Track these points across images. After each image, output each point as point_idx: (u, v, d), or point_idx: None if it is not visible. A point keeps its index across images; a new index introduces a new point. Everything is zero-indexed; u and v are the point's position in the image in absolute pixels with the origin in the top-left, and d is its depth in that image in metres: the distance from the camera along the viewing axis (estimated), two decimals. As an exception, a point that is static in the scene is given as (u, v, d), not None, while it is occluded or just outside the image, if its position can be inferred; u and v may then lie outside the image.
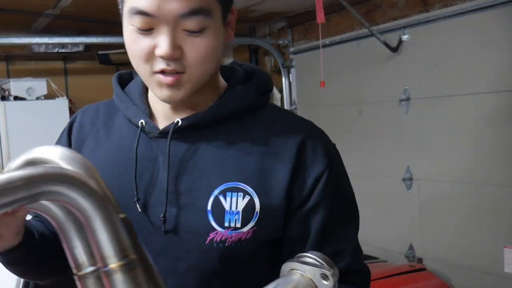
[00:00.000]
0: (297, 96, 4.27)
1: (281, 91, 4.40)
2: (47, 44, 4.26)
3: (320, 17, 2.74)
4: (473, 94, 2.93)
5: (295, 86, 4.29)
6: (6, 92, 4.22)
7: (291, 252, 0.87)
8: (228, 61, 5.28)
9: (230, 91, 0.94)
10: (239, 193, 0.86)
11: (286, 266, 0.77)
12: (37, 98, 4.25)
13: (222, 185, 0.87)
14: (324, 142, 0.93)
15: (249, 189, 0.86)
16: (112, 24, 3.97)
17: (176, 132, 0.90)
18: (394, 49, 3.32)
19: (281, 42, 4.32)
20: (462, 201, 3.03)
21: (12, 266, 0.88)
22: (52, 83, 4.36)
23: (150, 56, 0.85)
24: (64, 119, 4.09)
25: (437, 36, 3.09)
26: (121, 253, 0.61)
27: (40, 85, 4.25)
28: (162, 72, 0.85)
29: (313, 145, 0.90)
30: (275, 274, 0.88)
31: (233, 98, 0.93)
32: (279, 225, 0.88)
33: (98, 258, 0.61)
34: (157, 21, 0.82)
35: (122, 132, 0.98)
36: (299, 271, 0.75)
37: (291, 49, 4.27)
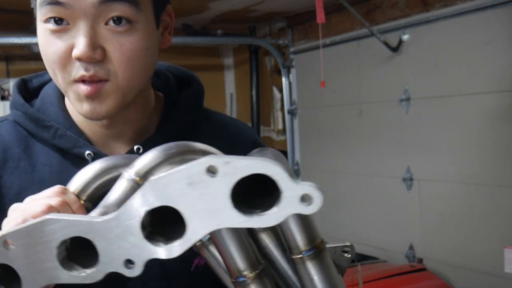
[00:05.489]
0: (297, 96, 4.27)
1: (281, 91, 4.40)
2: (47, 44, 4.26)
3: (320, 17, 2.73)
4: (473, 94, 2.93)
5: (295, 86, 4.28)
6: (6, 92, 4.21)
7: None
8: (228, 61, 5.25)
9: (176, 110, 0.84)
10: None
11: None
12: (37, 98, 4.24)
13: None
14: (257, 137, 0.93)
15: None
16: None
17: None
18: (394, 49, 3.32)
19: (281, 42, 4.31)
20: (462, 201, 3.03)
21: None
22: (52, 83, 4.36)
23: (66, 61, 0.71)
24: (64, 119, 4.09)
25: (437, 36, 3.09)
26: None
27: (40, 85, 4.25)
28: (83, 80, 0.71)
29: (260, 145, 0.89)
30: None
31: (181, 116, 0.84)
32: None
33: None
34: (72, 13, 0.69)
35: (53, 165, 0.80)
36: None
37: (291, 49, 4.27)
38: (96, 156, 0.77)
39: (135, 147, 0.79)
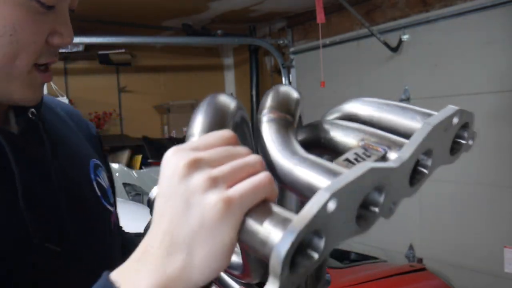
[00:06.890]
0: (297, 96, 4.28)
1: (281, 91, 4.40)
2: (47, 44, 4.26)
3: (320, 17, 2.74)
4: (473, 94, 2.93)
5: (295, 86, 4.28)
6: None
7: None
8: (228, 61, 5.24)
9: None
10: (100, 167, 0.79)
11: None
12: (37, 98, 4.24)
13: (90, 165, 0.76)
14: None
15: (99, 162, 0.79)
16: (112, 24, 3.96)
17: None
18: (394, 49, 3.32)
19: (281, 42, 4.32)
20: (462, 201, 3.03)
21: None
22: (52, 83, 4.35)
23: (42, 45, 0.62)
24: (64, 119, 4.09)
25: (437, 36, 3.09)
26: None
27: (40, 85, 4.25)
28: (42, 65, 0.64)
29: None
30: None
31: None
32: None
33: None
34: None
35: None
36: None
37: (291, 49, 4.27)
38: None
39: (30, 111, 0.68)
